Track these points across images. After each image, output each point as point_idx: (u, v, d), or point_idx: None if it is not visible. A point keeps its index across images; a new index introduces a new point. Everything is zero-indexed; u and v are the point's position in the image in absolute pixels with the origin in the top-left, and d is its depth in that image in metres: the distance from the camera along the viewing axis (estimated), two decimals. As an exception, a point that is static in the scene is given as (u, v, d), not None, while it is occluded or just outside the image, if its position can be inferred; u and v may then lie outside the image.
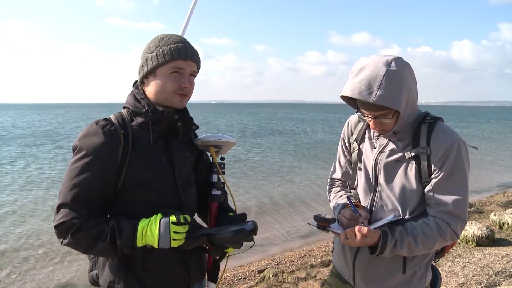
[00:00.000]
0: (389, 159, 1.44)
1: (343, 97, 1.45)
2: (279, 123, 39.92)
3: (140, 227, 1.22)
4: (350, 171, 1.64)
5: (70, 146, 1.32)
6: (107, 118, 1.33)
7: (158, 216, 1.24)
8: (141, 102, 1.34)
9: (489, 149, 17.56)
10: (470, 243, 4.92)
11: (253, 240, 1.31)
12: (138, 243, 1.22)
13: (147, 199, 1.30)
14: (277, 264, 4.66)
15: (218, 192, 1.50)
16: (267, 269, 4.40)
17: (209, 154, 1.57)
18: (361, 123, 1.60)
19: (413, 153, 1.39)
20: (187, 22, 2.02)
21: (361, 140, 1.58)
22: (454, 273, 4.03)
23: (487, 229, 5.01)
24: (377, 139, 1.51)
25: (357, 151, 1.58)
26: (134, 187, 1.29)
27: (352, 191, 1.61)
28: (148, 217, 1.25)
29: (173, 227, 1.20)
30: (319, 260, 4.72)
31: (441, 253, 1.57)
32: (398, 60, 1.34)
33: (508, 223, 5.53)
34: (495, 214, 5.85)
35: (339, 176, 1.72)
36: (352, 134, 1.63)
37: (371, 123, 1.44)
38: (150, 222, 1.22)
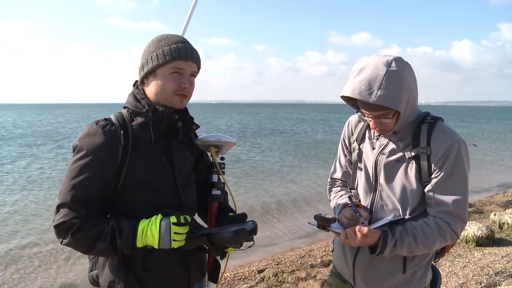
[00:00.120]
0: (389, 159, 1.44)
1: (343, 97, 1.45)
2: (279, 123, 39.91)
3: (140, 228, 1.22)
4: (351, 171, 1.64)
5: (71, 146, 1.32)
6: (107, 118, 1.33)
7: (158, 216, 1.24)
8: (141, 102, 1.34)
9: (489, 149, 17.56)
10: (470, 243, 4.92)
11: (253, 240, 1.31)
12: (138, 243, 1.22)
13: (147, 199, 1.30)
14: (277, 264, 4.66)
15: (218, 192, 1.50)
16: (267, 269, 4.40)
17: (209, 154, 1.56)
18: (362, 123, 1.60)
19: (413, 153, 1.39)
20: (187, 22, 2.02)
21: (361, 140, 1.58)
22: (454, 273, 4.02)
23: (487, 229, 5.01)
24: (377, 139, 1.51)
25: (358, 151, 1.58)
26: (134, 187, 1.29)
27: (352, 191, 1.62)
28: (148, 217, 1.25)
29: (173, 228, 1.20)
30: (319, 260, 4.72)
31: (441, 253, 1.57)
32: (398, 60, 1.34)
33: (508, 223, 5.53)
34: (495, 214, 5.84)
35: (339, 176, 1.72)
36: (353, 134, 1.63)
37: (371, 123, 1.44)
38: (150, 223, 1.22)
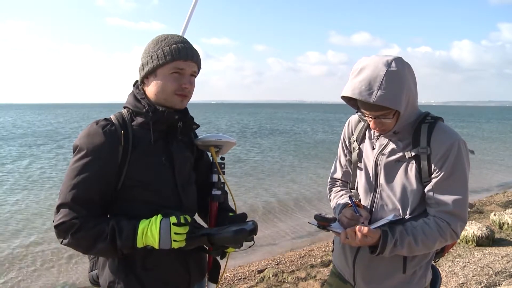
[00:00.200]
0: (389, 159, 1.44)
1: (343, 97, 1.45)
2: (279, 123, 39.91)
3: (141, 228, 1.22)
4: (351, 171, 1.64)
5: (71, 146, 1.32)
6: (107, 118, 1.33)
7: (159, 217, 1.23)
8: (141, 102, 1.34)
9: (489, 149, 17.56)
10: (470, 243, 4.92)
11: (253, 240, 1.31)
12: (139, 244, 1.22)
13: (147, 199, 1.30)
14: (277, 264, 4.66)
15: (218, 192, 1.50)
16: (267, 269, 4.40)
17: (209, 154, 1.56)
18: (362, 123, 1.60)
19: (413, 153, 1.39)
20: (188, 22, 2.02)
21: (361, 140, 1.58)
22: (454, 273, 4.02)
23: (487, 229, 5.01)
24: (377, 139, 1.51)
25: (358, 151, 1.58)
26: (134, 187, 1.29)
27: (352, 190, 1.62)
28: (148, 217, 1.25)
29: (173, 228, 1.20)
30: (319, 260, 4.72)
31: (441, 253, 1.57)
32: (398, 60, 1.34)
33: (508, 223, 5.53)
34: (495, 214, 5.84)
35: (339, 175, 1.72)
36: (353, 134, 1.63)
37: (371, 123, 1.44)
38: (150, 223, 1.22)
